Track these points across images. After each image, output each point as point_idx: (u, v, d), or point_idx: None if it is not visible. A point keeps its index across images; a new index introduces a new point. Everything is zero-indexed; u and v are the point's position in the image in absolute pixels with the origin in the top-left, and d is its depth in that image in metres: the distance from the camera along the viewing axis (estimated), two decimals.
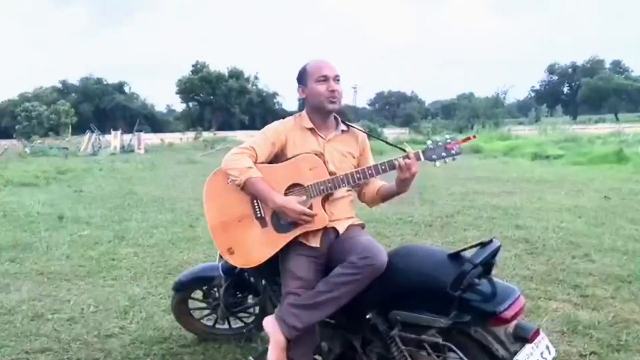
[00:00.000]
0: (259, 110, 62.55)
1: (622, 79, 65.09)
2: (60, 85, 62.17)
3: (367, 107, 76.24)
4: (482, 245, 1.98)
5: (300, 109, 2.51)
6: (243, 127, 54.51)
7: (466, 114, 41.90)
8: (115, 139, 28.16)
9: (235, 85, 58.66)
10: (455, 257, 1.99)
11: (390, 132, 34.33)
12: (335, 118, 2.45)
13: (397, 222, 6.47)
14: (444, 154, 2.21)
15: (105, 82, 63.32)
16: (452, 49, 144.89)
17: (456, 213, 6.99)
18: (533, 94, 73.94)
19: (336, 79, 2.35)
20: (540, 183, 9.97)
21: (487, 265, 1.96)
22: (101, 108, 59.38)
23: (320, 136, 2.39)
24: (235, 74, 60.22)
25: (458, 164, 2.31)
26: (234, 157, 2.31)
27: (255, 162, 2.30)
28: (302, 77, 2.39)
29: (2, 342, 3.25)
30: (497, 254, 1.99)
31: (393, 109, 71.00)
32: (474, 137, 2.48)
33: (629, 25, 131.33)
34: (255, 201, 2.32)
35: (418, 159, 2.21)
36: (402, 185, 2.28)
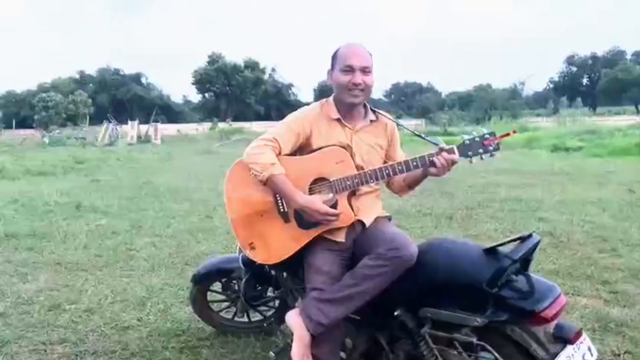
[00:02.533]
0: (275, 102, 62.51)
1: None
2: (77, 76, 62.57)
3: (383, 98, 75.72)
4: (522, 240, 1.87)
5: (316, 101, 2.39)
6: (258, 118, 54.54)
7: (483, 105, 41.53)
8: (132, 129, 28.34)
9: (250, 76, 58.58)
10: (492, 252, 1.87)
11: (406, 124, 33.86)
12: (365, 106, 2.32)
13: (416, 214, 6.36)
14: (480, 150, 2.07)
15: (122, 73, 63.68)
16: (469, 39, 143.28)
17: (477, 205, 6.85)
18: (551, 85, 72.82)
19: (365, 70, 2.17)
20: (561, 175, 9.78)
21: (525, 261, 1.85)
22: (118, 98, 59.76)
23: (348, 127, 2.26)
24: (251, 65, 60.12)
25: None
26: (257, 151, 2.18)
27: (279, 155, 2.18)
28: (333, 61, 2.25)
29: (19, 332, 3.22)
30: (536, 249, 1.87)
31: (409, 100, 70.42)
32: (514, 132, 2.30)
33: None
34: (278, 195, 2.21)
35: (451, 154, 2.08)
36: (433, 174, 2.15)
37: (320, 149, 2.20)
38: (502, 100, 41.14)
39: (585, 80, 71.49)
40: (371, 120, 2.31)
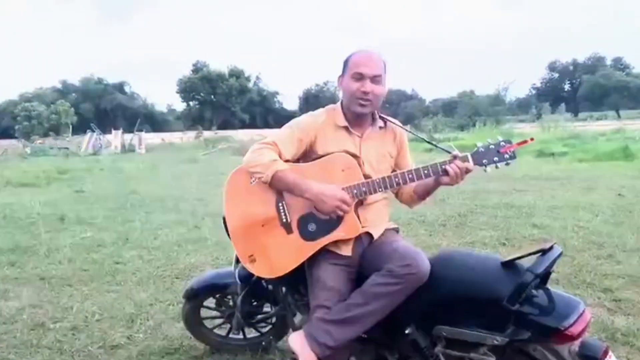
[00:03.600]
0: (260, 109, 62.42)
1: (623, 76, 64.88)
2: (60, 86, 62.01)
3: None
4: (543, 252, 1.76)
5: (301, 109, 2.27)
6: (244, 126, 54.40)
7: (467, 111, 41.76)
8: (115, 138, 28.03)
9: (235, 84, 58.53)
10: (510, 265, 1.77)
11: None
12: (372, 112, 2.20)
13: (409, 222, 6.26)
14: (496, 158, 1.98)
15: (105, 82, 63.19)
16: (451, 45, 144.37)
17: (469, 212, 6.78)
18: (534, 91, 73.65)
19: (375, 79, 2.06)
20: (549, 180, 9.78)
21: (545, 275, 1.75)
22: (102, 108, 59.30)
23: (356, 134, 2.15)
24: (236, 73, 60.08)
25: None
26: (256, 153, 2.04)
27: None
28: (344, 67, 2.13)
29: (1, 354, 3.05)
30: (556, 262, 1.77)
31: (394, 107, 70.67)
32: (532, 139, 2.19)
33: (629, 21, 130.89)
34: (280, 204, 2.08)
35: (465, 162, 1.99)
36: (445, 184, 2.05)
37: (326, 155, 2.09)
38: (486, 107, 41.35)
39: (567, 86, 72.48)
40: (380, 127, 2.20)
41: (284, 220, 2.09)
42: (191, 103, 63.35)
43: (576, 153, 15.28)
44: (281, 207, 2.09)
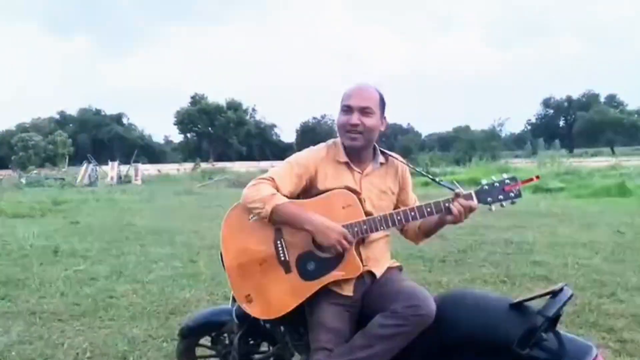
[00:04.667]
0: (257, 142, 62.76)
1: (617, 113, 65.79)
2: (58, 116, 62.33)
3: None
4: (553, 294, 1.71)
5: (298, 141, 2.24)
6: (241, 158, 54.59)
7: (463, 146, 42.04)
8: (112, 169, 28.01)
9: (233, 117, 58.98)
10: (520, 307, 1.71)
11: None
12: (374, 147, 2.17)
13: (407, 257, 6.18)
14: (501, 196, 1.93)
15: (103, 113, 63.61)
16: (446, 81, 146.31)
17: (468, 248, 6.72)
18: (529, 127, 74.47)
19: (364, 111, 2.02)
20: (548, 216, 9.74)
21: (555, 318, 1.69)
22: (99, 139, 59.56)
23: (356, 170, 2.11)
24: (234, 106, 60.64)
25: None
26: (253, 188, 2.00)
27: None
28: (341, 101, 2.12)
29: None
30: (567, 304, 1.72)
31: (390, 141, 71.24)
32: (537, 177, 2.17)
33: (622, 59, 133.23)
34: (279, 242, 2.02)
35: (469, 200, 1.94)
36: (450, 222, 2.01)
37: (326, 192, 2.04)
38: (482, 142, 41.69)
39: (561, 122, 73.32)
40: (381, 163, 2.16)
41: (282, 258, 2.02)
42: (189, 135, 63.79)
43: (573, 189, 15.34)
44: (279, 245, 2.02)
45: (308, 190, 2.09)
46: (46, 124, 55.57)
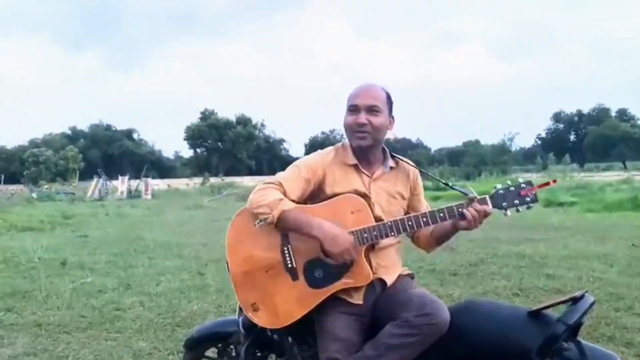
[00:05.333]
0: (266, 156, 62.98)
1: (628, 127, 65.37)
2: (69, 132, 62.98)
3: None
4: (574, 301, 1.63)
5: (307, 154, 2.17)
6: (250, 172, 54.76)
7: (473, 161, 41.83)
8: (122, 184, 28.19)
9: (242, 132, 59.29)
10: (539, 315, 1.63)
11: None
12: (384, 150, 2.11)
13: (418, 270, 6.08)
14: (516, 201, 1.86)
15: (114, 129, 64.20)
16: (457, 96, 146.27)
17: (480, 262, 6.61)
18: (539, 142, 74.13)
19: (371, 109, 1.97)
20: (560, 230, 9.60)
21: (576, 326, 1.61)
22: (109, 154, 60.01)
23: (365, 174, 2.04)
24: (243, 121, 60.98)
25: None
26: (260, 193, 1.92)
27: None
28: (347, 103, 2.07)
29: None
30: (588, 312, 1.64)
31: (400, 155, 71.19)
32: (554, 181, 2.11)
33: (633, 73, 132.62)
34: (285, 248, 1.95)
35: (483, 205, 1.88)
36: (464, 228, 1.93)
37: (334, 196, 1.97)
38: (492, 156, 41.46)
39: (572, 137, 72.94)
40: (391, 167, 2.09)
41: (289, 265, 1.95)
42: (198, 150, 64.12)
43: (585, 203, 15.17)
44: (286, 252, 1.95)
45: (316, 194, 2.03)
46: (58, 139, 56.21)
